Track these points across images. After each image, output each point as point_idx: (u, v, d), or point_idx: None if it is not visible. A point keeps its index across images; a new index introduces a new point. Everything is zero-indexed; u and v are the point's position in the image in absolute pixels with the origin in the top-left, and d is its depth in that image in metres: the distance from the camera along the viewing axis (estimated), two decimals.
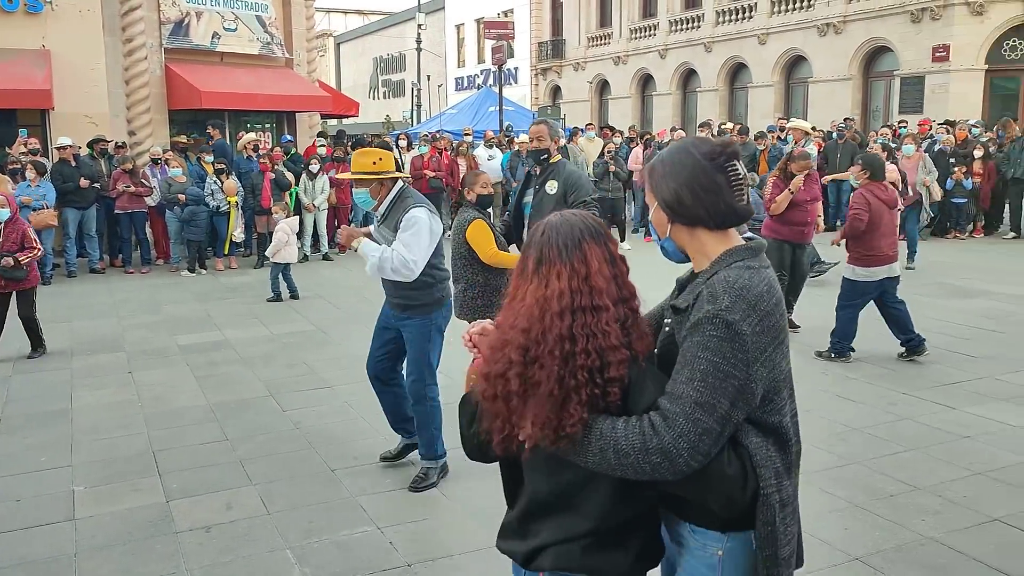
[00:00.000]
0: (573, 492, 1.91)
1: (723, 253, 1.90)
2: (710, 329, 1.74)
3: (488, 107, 24.52)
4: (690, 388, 1.73)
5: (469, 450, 2.10)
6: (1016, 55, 21.62)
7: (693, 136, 2.00)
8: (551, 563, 1.93)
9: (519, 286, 1.91)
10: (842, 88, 24.70)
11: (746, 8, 27.78)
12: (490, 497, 4.55)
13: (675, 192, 1.91)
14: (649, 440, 1.71)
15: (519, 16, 38.92)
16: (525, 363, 1.80)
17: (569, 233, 1.88)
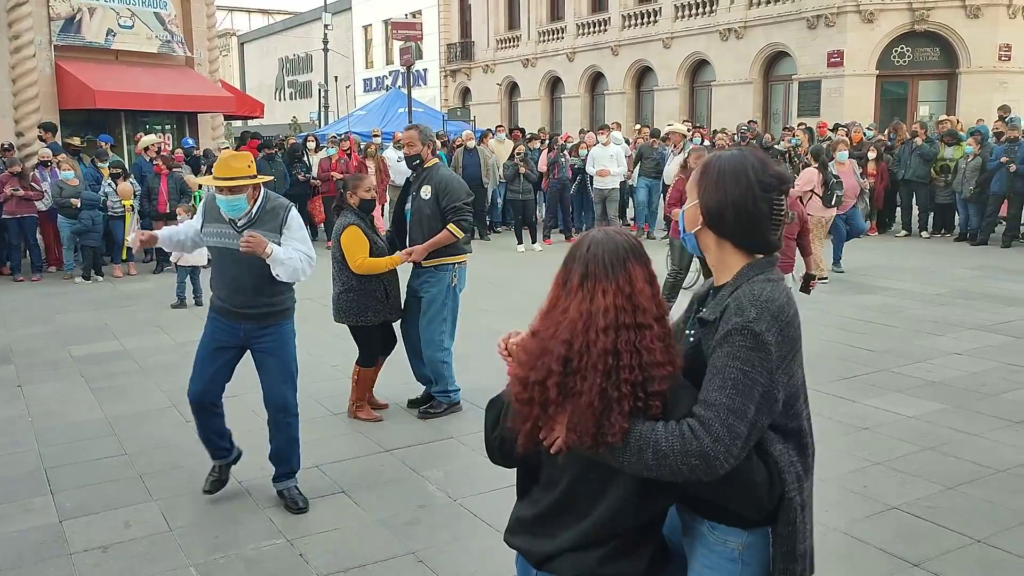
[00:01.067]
0: (593, 497, 1.96)
1: (745, 267, 1.98)
2: (739, 340, 1.84)
3: (397, 108, 24.29)
4: (723, 395, 1.82)
5: (491, 453, 2.15)
6: (904, 61, 22.67)
7: (754, 154, 2.06)
8: (568, 570, 1.97)
9: (559, 297, 1.96)
10: (744, 92, 25.44)
11: (651, 13, 28.33)
12: (401, 504, 4.50)
13: (719, 205, 1.98)
14: (689, 444, 1.79)
15: (427, 17, 38.73)
16: (565, 373, 1.87)
17: (615, 251, 1.94)
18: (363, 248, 5.53)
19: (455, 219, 5.61)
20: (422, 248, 5.66)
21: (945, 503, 4.38)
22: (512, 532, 2.11)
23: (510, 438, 2.00)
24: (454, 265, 5.78)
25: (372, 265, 5.54)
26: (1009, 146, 12.76)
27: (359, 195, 5.62)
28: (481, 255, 13.52)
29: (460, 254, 5.82)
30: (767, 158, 2.06)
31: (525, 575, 2.09)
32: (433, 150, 5.81)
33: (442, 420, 5.83)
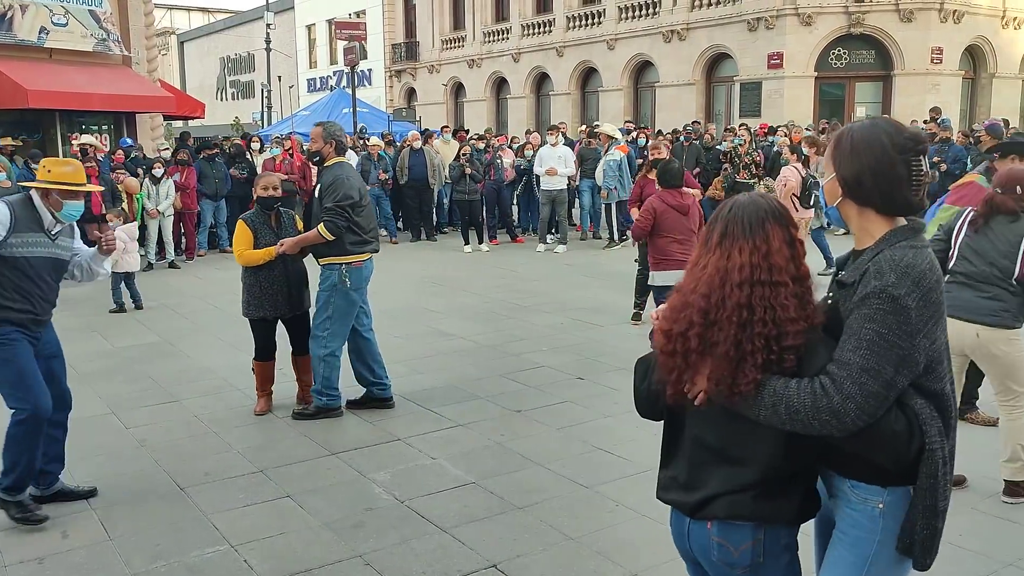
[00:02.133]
0: (742, 445, 2.09)
1: (888, 233, 2.06)
2: (876, 303, 1.93)
3: (342, 109, 24.06)
4: (856, 355, 1.92)
5: (639, 404, 2.33)
6: (841, 63, 23.20)
7: (886, 120, 2.14)
8: (724, 512, 2.10)
9: (702, 255, 2.11)
10: (687, 92, 25.77)
11: (595, 14, 28.54)
12: (347, 507, 4.47)
13: (856, 173, 2.07)
14: (819, 400, 1.90)
15: (372, 17, 38.44)
16: (705, 325, 2.03)
17: (755, 212, 2.07)
18: (245, 241, 5.76)
19: (327, 219, 5.59)
20: (291, 242, 5.73)
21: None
22: (665, 489, 2.27)
23: (657, 390, 2.18)
24: (342, 266, 5.71)
25: (249, 257, 5.75)
26: (940, 147, 13.15)
27: (257, 192, 5.90)
28: (428, 256, 13.50)
29: (350, 255, 5.72)
30: (899, 122, 2.14)
31: (679, 529, 2.23)
32: (338, 148, 5.79)
33: (389, 421, 5.79)
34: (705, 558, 2.18)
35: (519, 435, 5.50)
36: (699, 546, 2.18)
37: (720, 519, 2.11)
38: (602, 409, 5.95)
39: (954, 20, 22.48)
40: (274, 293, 5.82)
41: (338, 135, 5.83)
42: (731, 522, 2.10)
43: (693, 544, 2.20)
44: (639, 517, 4.28)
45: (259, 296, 5.82)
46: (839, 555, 2.13)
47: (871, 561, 2.07)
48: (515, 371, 6.94)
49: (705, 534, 2.14)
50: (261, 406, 6.00)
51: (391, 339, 8.07)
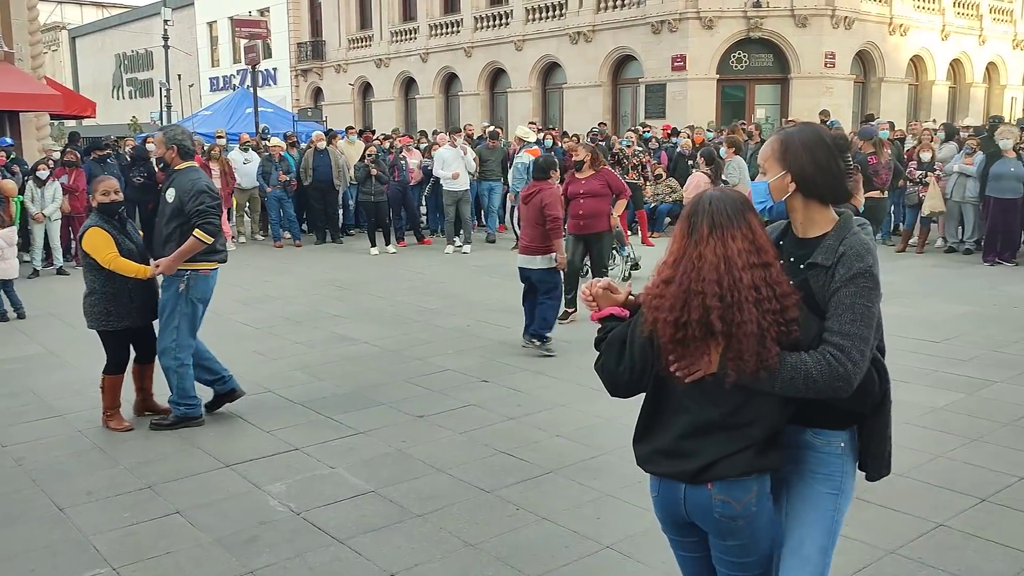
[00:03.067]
0: (744, 412, 2.29)
1: (841, 220, 2.38)
2: (863, 281, 2.25)
3: (245, 109, 23.41)
4: (855, 327, 2.22)
5: (617, 387, 2.47)
6: (741, 66, 23.85)
7: (817, 125, 2.59)
8: (732, 471, 2.28)
9: (686, 247, 2.27)
10: (594, 94, 26.07)
11: (503, 15, 28.60)
12: (240, 522, 4.30)
13: (811, 171, 2.35)
14: (836, 370, 2.19)
15: (276, 15, 37.64)
16: (723, 307, 2.17)
17: (734, 204, 2.28)
18: (110, 245, 5.49)
19: (200, 223, 5.43)
20: (168, 261, 5.50)
21: None
22: (652, 463, 2.41)
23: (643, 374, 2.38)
24: (188, 272, 5.54)
25: (122, 265, 5.48)
26: None
27: (97, 199, 5.63)
28: (333, 259, 13.24)
29: (198, 262, 5.55)
30: (824, 126, 2.39)
31: (672, 497, 2.38)
32: (182, 152, 5.62)
33: (287, 431, 5.62)
34: (705, 517, 2.35)
35: (421, 441, 5.42)
36: (698, 508, 2.35)
37: (724, 478, 2.29)
38: (506, 412, 5.91)
39: (845, 26, 23.38)
40: (143, 299, 5.64)
41: (180, 139, 5.64)
42: (734, 480, 2.29)
43: (690, 508, 2.36)
44: (540, 521, 4.25)
45: (127, 304, 5.58)
46: (816, 490, 2.44)
47: (841, 489, 2.44)
48: (419, 375, 6.84)
49: (706, 495, 2.31)
50: (119, 422, 5.70)
51: (292, 345, 7.89)
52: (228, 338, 8.16)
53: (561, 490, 4.63)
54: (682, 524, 2.45)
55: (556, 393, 6.32)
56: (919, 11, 25.82)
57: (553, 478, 4.78)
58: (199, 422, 5.74)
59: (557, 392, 6.34)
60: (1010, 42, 29.08)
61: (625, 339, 2.41)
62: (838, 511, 2.44)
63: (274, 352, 7.66)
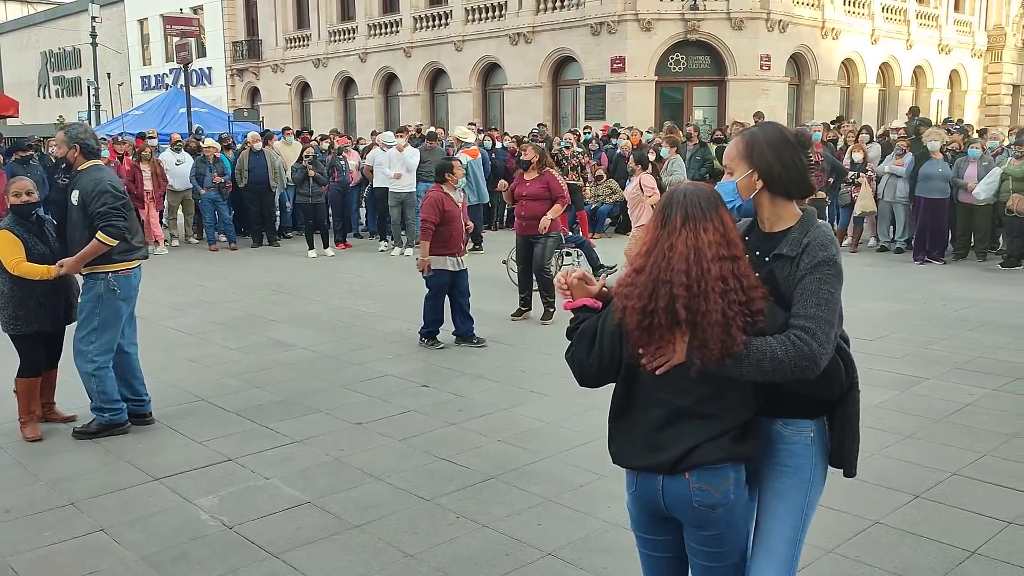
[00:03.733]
0: (713, 400, 2.35)
1: (805, 215, 2.48)
2: (827, 269, 2.35)
3: (178, 108, 22.89)
4: (820, 311, 2.31)
5: (587, 377, 2.51)
6: (679, 68, 24.11)
7: (772, 122, 2.69)
8: (708, 458, 2.33)
9: (659, 237, 2.33)
10: (534, 95, 26.08)
11: (442, 15, 28.44)
12: (169, 538, 4.11)
13: (778, 168, 2.44)
14: (801, 349, 2.25)
15: (210, 13, 36.87)
16: (689, 297, 2.24)
17: (707, 198, 2.35)
18: (18, 250, 5.33)
19: (103, 225, 5.27)
20: (72, 262, 5.34)
21: None
22: (628, 457, 2.46)
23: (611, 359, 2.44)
24: (109, 275, 5.38)
25: (27, 270, 5.33)
26: None
27: (10, 200, 5.45)
28: (270, 262, 12.97)
29: (116, 263, 5.39)
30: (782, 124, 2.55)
31: (650, 489, 2.42)
32: (84, 151, 5.45)
33: (220, 441, 5.45)
34: (684, 507, 2.39)
35: (359, 449, 5.30)
36: (676, 498, 2.38)
37: (701, 466, 2.34)
38: (446, 417, 5.83)
39: (780, 29, 23.81)
40: (54, 304, 5.49)
41: (83, 137, 5.47)
42: (711, 467, 2.34)
43: (669, 500, 2.40)
44: (480, 529, 4.18)
45: (35, 308, 5.41)
46: (785, 484, 2.50)
47: (810, 481, 2.50)
48: (357, 381, 6.71)
49: (684, 485, 2.36)
50: (33, 431, 5.51)
51: (227, 352, 7.69)
52: (160, 345, 7.92)
53: (502, 496, 4.56)
54: (657, 520, 2.50)
55: (496, 397, 6.25)
56: (850, 16, 26.43)
57: (494, 484, 4.71)
58: (124, 429, 5.55)
59: (497, 396, 6.28)
60: (935, 47, 29.97)
61: (596, 329, 2.47)
62: (808, 505, 2.51)
63: (208, 359, 7.45)
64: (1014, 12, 32.58)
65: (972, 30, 31.63)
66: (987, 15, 32.22)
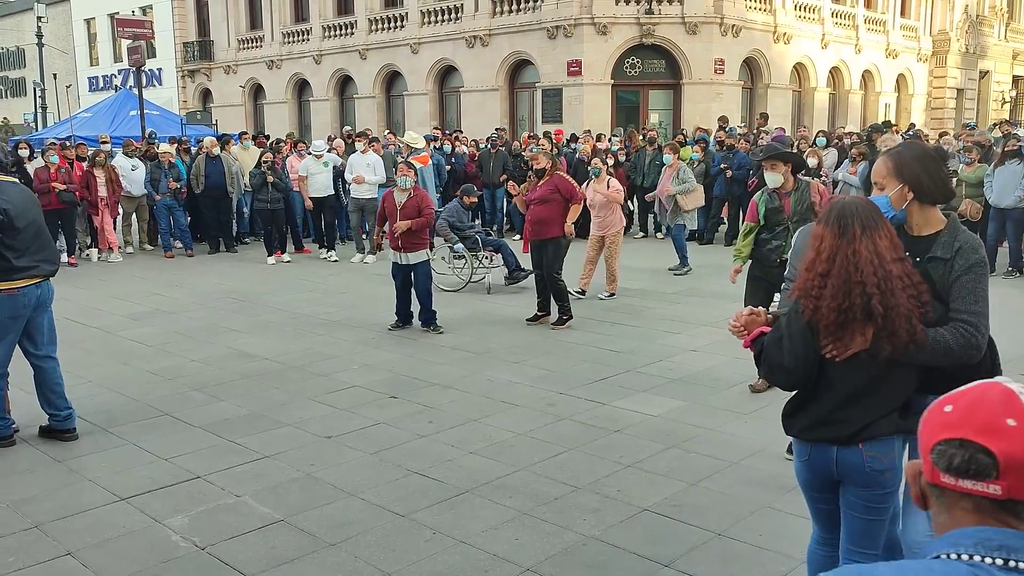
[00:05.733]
0: (880, 383, 2.77)
1: (951, 221, 2.90)
2: (979, 269, 2.80)
3: (128, 111, 22.38)
4: (979, 306, 2.76)
5: (789, 373, 2.85)
6: (635, 72, 24.31)
7: (913, 141, 3.30)
8: (878, 431, 2.76)
9: (839, 246, 2.67)
10: (491, 98, 26.10)
11: (397, 17, 28.31)
12: (139, 560, 4.00)
13: (926, 181, 2.85)
14: (970, 340, 2.72)
15: (160, 13, 36.24)
16: (882, 294, 2.62)
17: (874, 210, 2.74)
18: None
19: None
20: None
21: (689, 500, 4.64)
22: (809, 430, 2.86)
23: (809, 360, 2.79)
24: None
25: None
26: (727, 153, 14.01)
27: None
28: (228, 269, 12.77)
29: None
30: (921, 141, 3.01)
31: (824, 458, 2.84)
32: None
33: (187, 457, 5.34)
34: (855, 472, 2.79)
35: (330, 463, 5.25)
36: (849, 465, 2.79)
37: (875, 438, 2.75)
38: (416, 429, 5.80)
39: (733, 34, 24.14)
40: None
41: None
42: (883, 438, 2.77)
43: (841, 466, 2.81)
44: (458, 544, 4.16)
45: None
46: None
47: None
48: (324, 393, 6.64)
49: (856, 453, 2.77)
50: None
51: (188, 363, 7.55)
52: (118, 357, 7.77)
53: (477, 511, 4.55)
54: (824, 482, 2.91)
55: (466, 407, 6.24)
56: (801, 20, 26.91)
57: (469, 498, 4.70)
58: (11, 442, 5.52)
59: (467, 406, 6.26)
60: (883, 51, 30.65)
61: (781, 337, 2.85)
62: None
63: (169, 371, 7.31)
64: (957, 18, 33.45)
65: (918, 35, 32.41)
66: (932, 21, 33.03)
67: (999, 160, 10.50)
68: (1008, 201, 10.38)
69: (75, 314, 9.62)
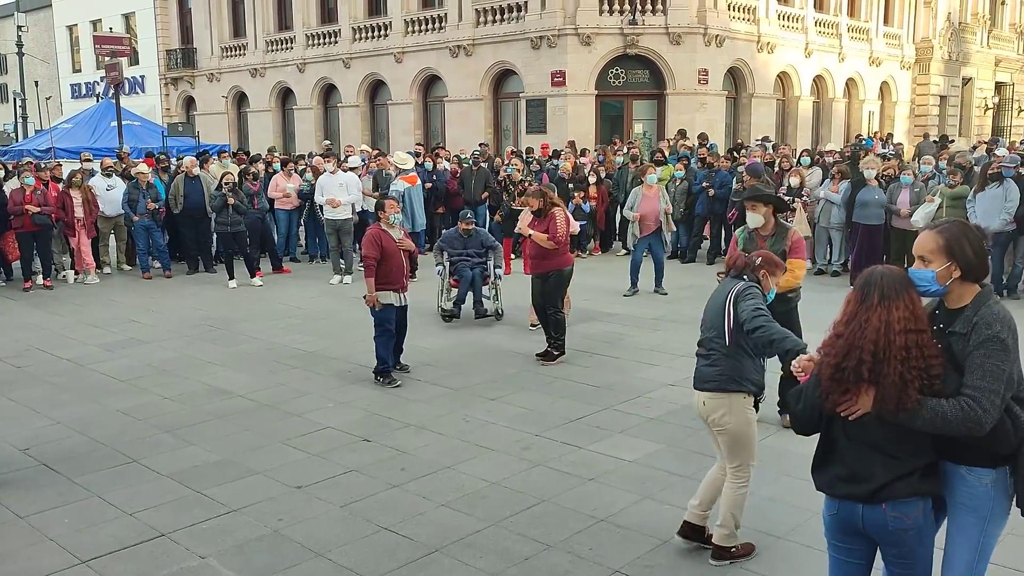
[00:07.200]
0: (899, 443, 2.92)
1: (980, 295, 2.96)
2: (992, 345, 2.83)
3: (110, 122, 22.11)
4: (984, 382, 2.80)
5: (801, 425, 3.19)
6: (619, 82, 24.28)
7: (959, 220, 3.13)
8: (898, 493, 2.90)
9: (859, 311, 2.90)
10: (475, 108, 26.01)
11: (381, 27, 28.18)
12: None
13: (973, 259, 2.94)
14: (968, 414, 2.78)
15: (143, 20, 36.05)
16: (874, 362, 2.81)
17: (900, 280, 2.90)
18: None
19: None
20: None
21: (660, 559, 4.57)
22: (832, 486, 3.05)
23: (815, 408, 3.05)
24: None
25: None
26: (708, 172, 13.98)
27: None
28: (206, 292, 12.51)
29: None
30: (967, 222, 3.12)
31: (851, 515, 3.01)
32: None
33: (152, 512, 5.23)
34: (880, 530, 2.96)
35: (299, 518, 5.15)
36: (874, 523, 2.96)
37: (891, 500, 2.90)
38: (388, 478, 5.71)
39: (717, 44, 24.13)
40: None
41: None
42: (904, 500, 2.90)
43: (867, 523, 2.97)
44: None
45: None
46: (965, 520, 3.01)
47: (988, 518, 2.98)
48: (297, 435, 6.55)
49: (881, 513, 2.92)
50: None
51: (160, 402, 7.44)
52: (89, 394, 7.66)
53: (446, 573, 4.47)
54: (852, 535, 3.06)
55: (440, 452, 6.15)
56: (784, 30, 26.94)
57: (438, 559, 4.62)
58: None
59: (441, 451, 6.18)
60: (866, 60, 30.73)
61: (804, 385, 3.14)
62: (985, 535, 2.99)
63: (141, 410, 7.19)
64: (940, 25, 33.58)
65: (901, 43, 32.52)
66: (915, 28, 33.15)
67: (980, 185, 10.49)
68: (993, 225, 10.34)
69: (48, 344, 9.49)
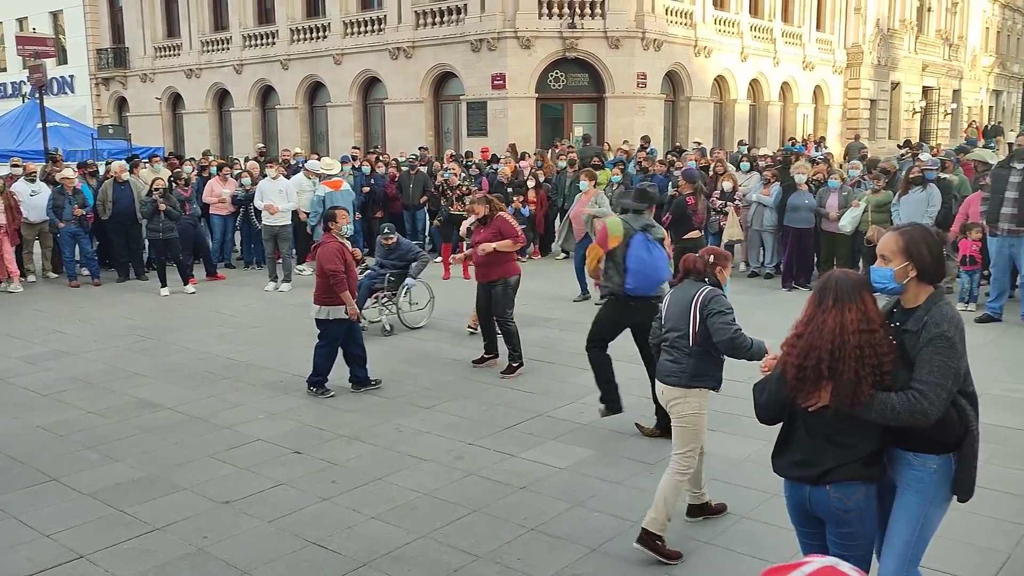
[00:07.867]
0: (849, 433, 3.19)
1: (932, 296, 3.19)
2: (939, 343, 3.07)
3: (36, 124, 21.38)
4: (931, 376, 3.04)
5: (766, 415, 3.45)
6: (559, 85, 24.41)
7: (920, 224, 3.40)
8: (842, 476, 3.19)
9: (816, 313, 3.16)
10: (416, 110, 25.90)
11: (320, 28, 27.88)
12: None
13: (930, 261, 3.16)
14: (915, 405, 3.03)
15: (71, 18, 35.07)
16: (831, 360, 3.07)
17: (854, 284, 3.16)
18: None
19: None
20: None
21: (588, 568, 4.59)
22: (787, 470, 3.35)
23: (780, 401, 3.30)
24: None
25: None
26: (644, 176, 14.11)
27: None
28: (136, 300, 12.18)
29: None
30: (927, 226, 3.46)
31: (799, 496, 3.32)
32: None
33: (70, 533, 5.08)
34: (824, 511, 3.25)
35: (225, 534, 5.05)
36: (820, 503, 3.25)
37: (839, 482, 3.18)
38: (318, 491, 5.63)
39: (655, 48, 24.42)
40: None
41: None
42: (846, 482, 3.18)
43: (814, 504, 3.26)
44: None
45: None
46: (907, 499, 3.25)
47: (929, 501, 3.22)
48: (226, 448, 6.42)
49: (825, 494, 3.21)
50: None
51: (84, 417, 7.23)
52: (8, 409, 7.42)
53: None
54: (807, 518, 3.35)
55: (372, 463, 6.10)
56: (721, 34, 27.38)
57: (366, 573, 4.57)
58: None
59: (373, 462, 6.12)
60: (800, 64, 31.42)
61: (768, 380, 3.40)
62: (927, 517, 3.24)
63: (62, 426, 6.98)
64: (870, 31, 34.51)
65: (833, 48, 33.35)
66: (846, 34, 34.03)
67: (903, 189, 10.78)
68: None
69: None
